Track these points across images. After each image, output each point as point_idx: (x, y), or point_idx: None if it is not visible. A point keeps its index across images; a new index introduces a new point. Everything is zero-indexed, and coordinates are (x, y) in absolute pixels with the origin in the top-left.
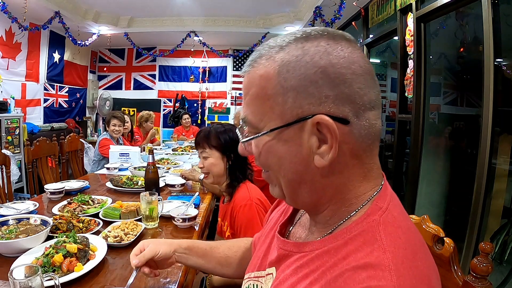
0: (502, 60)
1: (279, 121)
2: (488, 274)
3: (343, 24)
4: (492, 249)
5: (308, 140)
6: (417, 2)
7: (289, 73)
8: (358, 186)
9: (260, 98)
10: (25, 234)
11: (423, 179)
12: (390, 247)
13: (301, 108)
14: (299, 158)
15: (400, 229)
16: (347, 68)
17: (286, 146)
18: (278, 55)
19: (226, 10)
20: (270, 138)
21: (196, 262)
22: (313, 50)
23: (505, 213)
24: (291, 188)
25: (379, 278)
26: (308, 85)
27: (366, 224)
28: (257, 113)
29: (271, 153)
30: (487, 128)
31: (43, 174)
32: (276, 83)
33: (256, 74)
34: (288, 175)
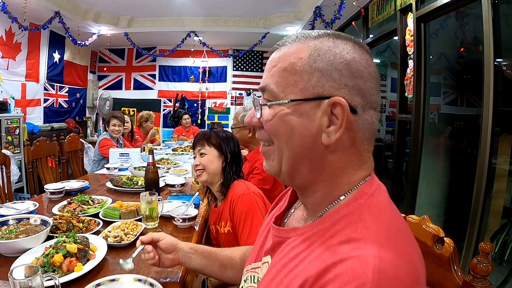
0: (502, 60)
1: (300, 95)
2: (488, 274)
3: (343, 24)
4: (492, 249)
5: (321, 118)
6: (417, 2)
7: (319, 57)
8: (353, 173)
9: (287, 71)
10: (25, 234)
11: (423, 179)
12: (373, 225)
13: (322, 88)
14: (309, 133)
15: (384, 211)
16: (366, 68)
17: (300, 118)
18: (312, 41)
19: (226, 10)
20: (287, 109)
21: (200, 263)
22: (342, 46)
23: (505, 213)
24: (294, 161)
25: (361, 249)
26: (333, 71)
27: (352, 207)
28: (281, 84)
29: (285, 123)
30: (487, 128)
31: (43, 174)
32: (306, 62)
33: (288, 51)
34: (295, 147)
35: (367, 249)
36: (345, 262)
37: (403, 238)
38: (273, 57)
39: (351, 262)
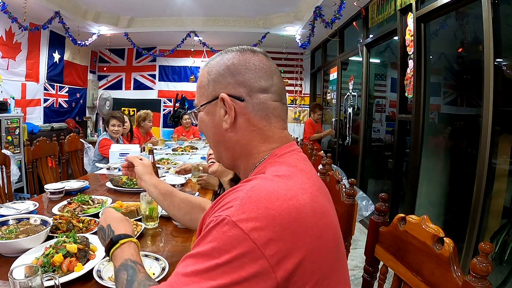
0: (502, 60)
1: (205, 100)
2: (488, 274)
3: (343, 24)
4: (492, 249)
5: (219, 112)
6: (417, 2)
7: (212, 69)
8: (260, 145)
9: (199, 87)
10: (25, 234)
11: (423, 179)
12: (269, 171)
13: (215, 91)
14: (215, 124)
15: (285, 164)
16: (243, 65)
17: (209, 116)
18: (211, 61)
19: (226, 10)
20: (202, 112)
21: (156, 197)
22: (226, 56)
23: (505, 213)
24: (216, 148)
25: (248, 184)
26: (219, 76)
27: (262, 166)
28: (198, 97)
29: (203, 122)
30: (487, 128)
31: (43, 174)
32: (205, 77)
33: (200, 74)
34: (212, 137)
35: (252, 182)
36: (233, 191)
37: (295, 181)
38: None
39: (237, 190)
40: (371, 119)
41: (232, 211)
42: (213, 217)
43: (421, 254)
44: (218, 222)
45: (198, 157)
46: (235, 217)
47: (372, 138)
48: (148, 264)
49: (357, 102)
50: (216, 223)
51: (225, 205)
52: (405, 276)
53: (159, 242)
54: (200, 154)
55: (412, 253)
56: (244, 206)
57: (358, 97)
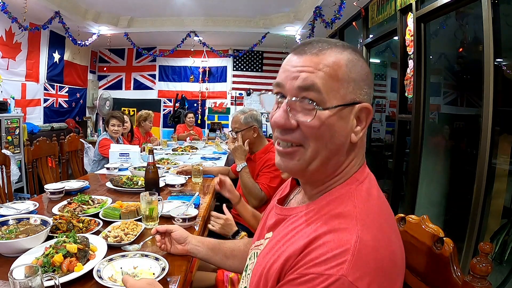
0: (502, 60)
1: (341, 101)
2: (488, 274)
3: (343, 24)
4: (491, 249)
5: (352, 120)
6: (417, 2)
7: (353, 67)
8: (358, 164)
9: (332, 77)
10: (25, 234)
11: (423, 179)
12: (360, 204)
13: (355, 95)
14: (345, 133)
15: (371, 196)
16: (371, 78)
17: (340, 122)
18: (344, 52)
19: (226, 10)
20: (331, 114)
21: (206, 254)
22: (361, 59)
23: (505, 213)
24: (327, 159)
25: (347, 223)
26: (361, 80)
27: (344, 190)
28: (327, 86)
29: (329, 127)
30: (487, 128)
31: (43, 174)
32: (345, 71)
33: (328, 58)
34: (332, 146)
35: (352, 223)
36: (333, 233)
37: (385, 221)
38: (310, 60)
39: (339, 232)
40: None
41: (346, 270)
42: (315, 273)
43: (421, 254)
44: (331, 282)
45: (198, 157)
46: (351, 276)
47: (372, 138)
48: (148, 264)
49: None
50: (329, 284)
51: (329, 253)
52: (404, 276)
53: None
54: (200, 154)
55: (412, 253)
56: (357, 263)
57: None
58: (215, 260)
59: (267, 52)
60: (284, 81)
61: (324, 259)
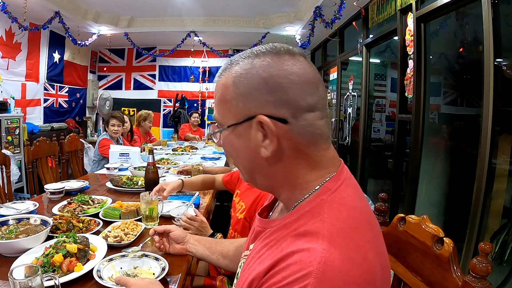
0: (502, 60)
1: (233, 120)
2: (488, 274)
3: (343, 24)
4: (491, 249)
5: (255, 135)
6: (417, 2)
7: (240, 82)
8: (308, 174)
9: (222, 101)
10: (25, 234)
11: (423, 179)
12: (330, 219)
13: (248, 110)
14: (249, 150)
15: (344, 207)
16: (285, 78)
17: (240, 140)
18: (234, 68)
19: (226, 10)
20: (229, 133)
21: (204, 253)
22: (259, 64)
23: (505, 213)
24: (248, 173)
25: (313, 242)
26: (253, 92)
27: (315, 202)
28: (221, 113)
29: (230, 145)
30: (487, 128)
31: (43, 174)
32: (231, 90)
33: (219, 83)
34: (243, 163)
35: (318, 242)
36: (297, 254)
37: (362, 236)
38: (214, 90)
39: (302, 254)
40: (371, 119)
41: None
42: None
43: (421, 254)
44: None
45: (198, 157)
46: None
47: (372, 138)
48: (148, 264)
49: (357, 102)
50: None
51: (291, 276)
52: (404, 276)
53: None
54: (200, 154)
55: (412, 253)
56: (321, 285)
57: (358, 97)
58: (212, 259)
59: None
60: None
61: (285, 283)
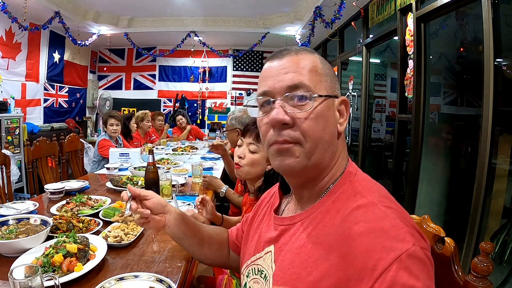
0: (502, 60)
1: (326, 92)
2: (489, 274)
3: (343, 24)
4: (492, 249)
5: (335, 112)
6: (417, 2)
7: (325, 64)
8: (346, 158)
9: (313, 71)
10: (25, 234)
11: (423, 179)
12: (368, 193)
13: (332, 89)
14: (334, 122)
15: (370, 183)
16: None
17: (330, 111)
18: (315, 54)
19: (226, 10)
20: (321, 103)
21: (184, 232)
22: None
23: (505, 213)
24: (324, 150)
25: (373, 210)
26: (332, 76)
27: (344, 185)
28: (312, 81)
29: (322, 114)
30: (487, 128)
31: (43, 174)
32: (321, 66)
33: (306, 56)
34: (327, 136)
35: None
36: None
37: (393, 200)
38: (291, 61)
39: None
40: (371, 119)
41: (410, 242)
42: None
43: None
44: (410, 254)
45: (198, 157)
46: (421, 244)
47: (372, 138)
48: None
49: (357, 102)
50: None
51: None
52: None
53: (159, 241)
54: (200, 154)
55: None
56: (412, 234)
57: (358, 97)
58: (189, 244)
59: (267, 52)
60: (270, 88)
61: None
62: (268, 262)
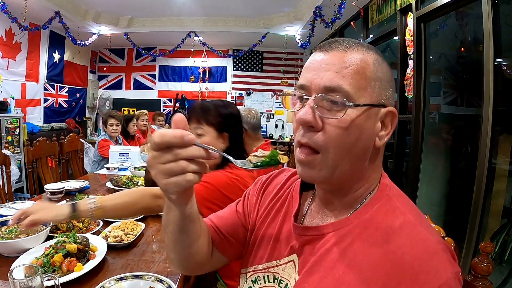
0: (502, 60)
1: (369, 100)
2: (489, 274)
3: (343, 24)
4: (492, 249)
5: (377, 123)
6: (417, 2)
7: (380, 67)
8: (380, 170)
9: (360, 74)
10: (25, 234)
11: (423, 179)
12: (406, 210)
13: (381, 96)
14: (371, 136)
15: (405, 198)
16: (393, 80)
17: (368, 122)
18: (370, 51)
19: (226, 10)
20: (360, 113)
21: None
22: (384, 60)
23: (505, 213)
24: (350, 163)
25: (416, 232)
26: (386, 81)
27: (383, 198)
28: (354, 86)
29: (358, 126)
30: (487, 128)
31: (43, 174)
32: (372, 69)
33: (356, 55)
34: (358, 150)
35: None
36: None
37: (424, 218)
38: (337, 57)
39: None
40: None
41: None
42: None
43: None
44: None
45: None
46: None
47: None
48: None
49: None
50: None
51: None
52: None
53: (159, 241)
54: None
55: None
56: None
57: None
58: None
59: (267, 52)
60: (308, 82)
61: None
62: (290, 272)
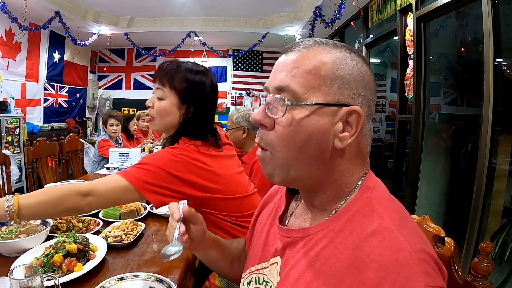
0: (502, 60)
1: (322, 99)
2: (489, 274)
3: (343, 24)
4: (492, 248)
5: (336, 124)
6: (417, 2)
7: (341, 65)
8: (357, 172)
9: (311, 74)
10: (25, 234)
11: (423, 179)
12: (385, 214)
13: (341, 95)
14: (325, 136)
15: (389, 201)
16: (373, 82)
17: (320, 122)
18: (334, 50)
19: (226, 10)
20: (308, 112)
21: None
22: (356, 59)
23: (505, 213)
24: (307, 165)
25: (389, 239)
26: (351, 81)
27: (361, 201)
28: (304, 85)
29: (304, 128)
30: (487, 128)
31: (43, 174)
32: (329, 68)
33: (312, 54)
34: (311, 150)
35: (394, 237)
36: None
37: (410, 220)
38: (291, 58)
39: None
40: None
41: (427, 280)
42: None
43: None
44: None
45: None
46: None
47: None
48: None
49: None
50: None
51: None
52: None
53: (159, 242)
54: None
55: None
56: (427, 272)
57: None
58: (221, 264)
59: (267, 52)
60: (268, 84)
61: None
62: (274, 274)
